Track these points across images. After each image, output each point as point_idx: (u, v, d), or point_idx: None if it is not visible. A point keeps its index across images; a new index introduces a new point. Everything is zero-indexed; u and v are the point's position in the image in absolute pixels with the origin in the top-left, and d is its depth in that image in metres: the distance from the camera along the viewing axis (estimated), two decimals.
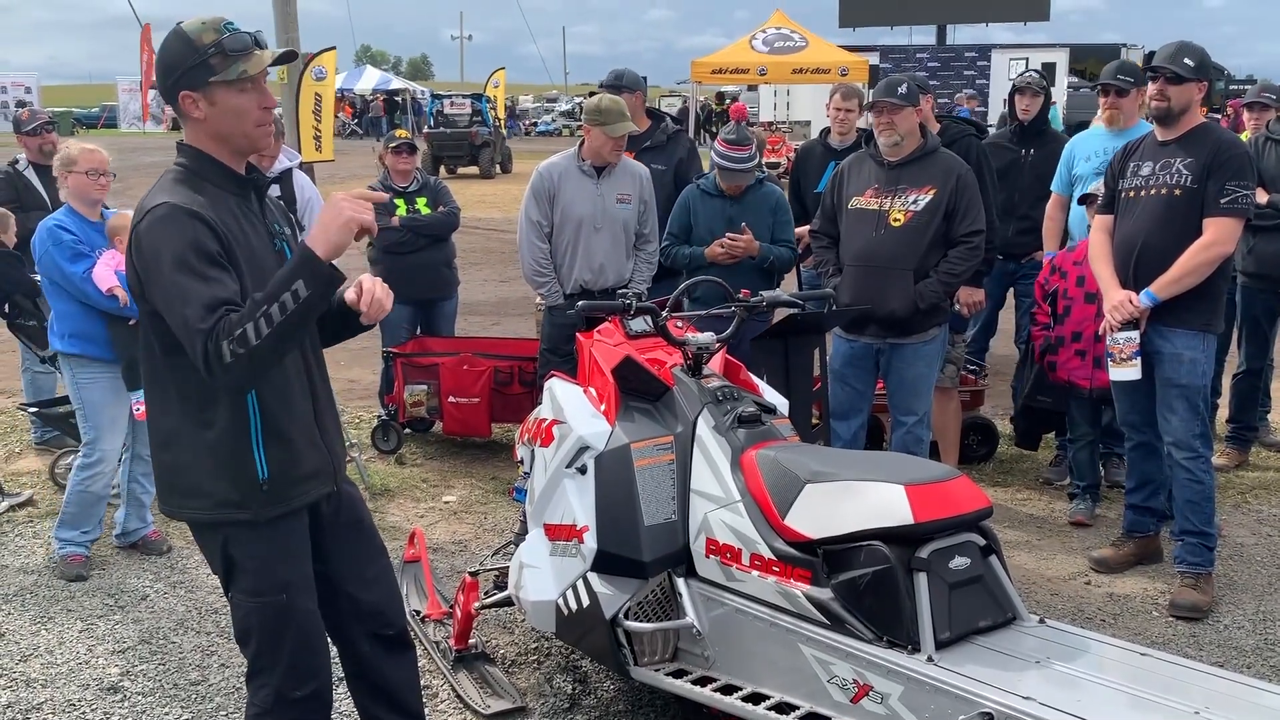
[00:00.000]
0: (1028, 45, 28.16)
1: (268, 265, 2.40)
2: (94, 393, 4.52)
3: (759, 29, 20.67)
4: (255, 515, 2.42)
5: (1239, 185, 3.96)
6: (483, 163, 25.79)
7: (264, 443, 2.40)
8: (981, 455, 5.85)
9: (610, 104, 4.86)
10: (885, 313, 4.48)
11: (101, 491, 4.58)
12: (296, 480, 2.47)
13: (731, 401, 3.14)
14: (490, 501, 5.38)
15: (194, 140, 2.42)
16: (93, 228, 4.56)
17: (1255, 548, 4.77)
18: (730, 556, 2.89)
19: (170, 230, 2.26)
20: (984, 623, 2.68)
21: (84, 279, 4.40)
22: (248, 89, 2.36)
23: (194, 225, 2.26)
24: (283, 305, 2.17)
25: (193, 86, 2.34)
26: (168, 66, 2.36)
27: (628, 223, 5.00)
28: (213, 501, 2.42)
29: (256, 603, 2.48)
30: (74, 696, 3.58)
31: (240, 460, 2.39)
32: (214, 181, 2.40)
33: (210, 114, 2.36)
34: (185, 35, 2.34)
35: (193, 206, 2.29)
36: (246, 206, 2.45)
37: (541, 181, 5.02)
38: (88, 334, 4.48)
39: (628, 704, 3.47)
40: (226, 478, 2.40)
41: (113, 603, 4.27)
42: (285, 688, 2.51)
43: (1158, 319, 4.09)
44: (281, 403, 2.43)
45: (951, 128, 5.37)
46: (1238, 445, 5.84)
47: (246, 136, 2.41)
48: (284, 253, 2.50)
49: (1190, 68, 4.02)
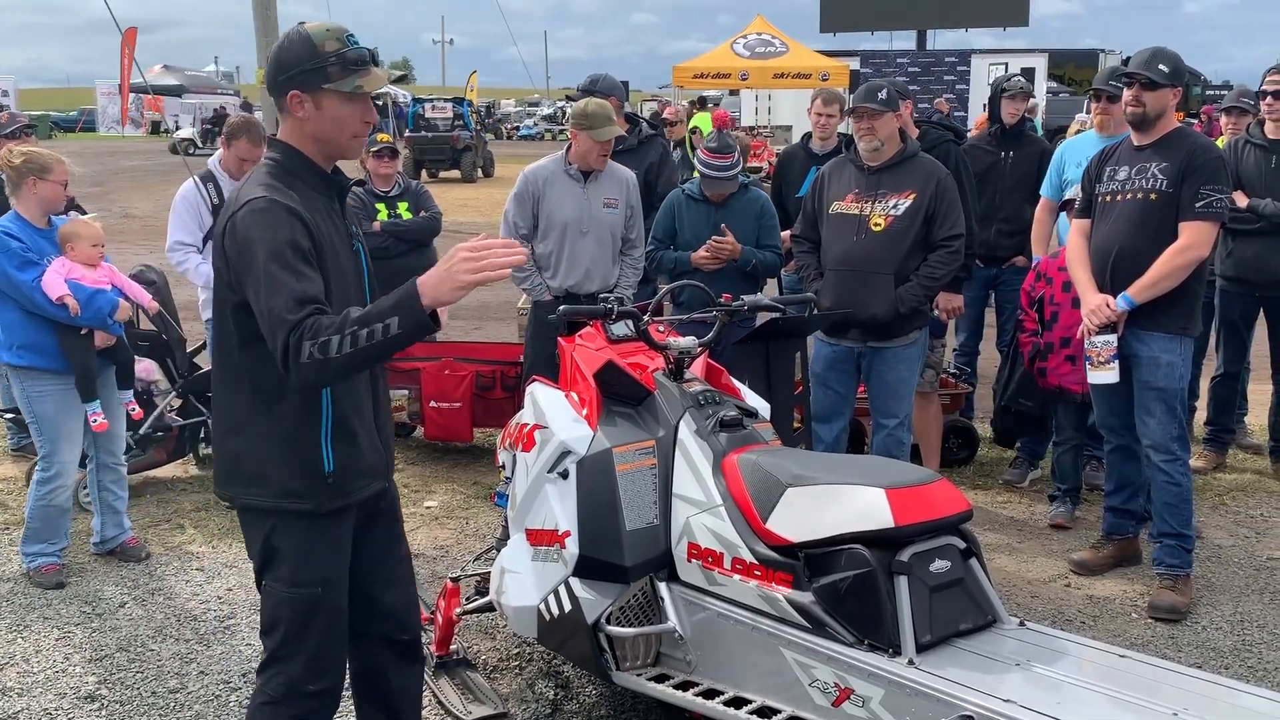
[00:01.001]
0: (1007, 50, 28.33)
1: (347, 266, 2.49)
2: (46, 406, 4.39)
3: (740, 34, 20.74)
4: (316, 506, 2.47)
5: (1214, 189, 4.00)
6: (464, 167, 25.76)
7: (332, 437, 2.46)
8: (962, 458, 5.88)
9: (597, 108, 4.86)
10: (866, 316, 4.49)
11: (65, 504, 4.50)
12: (357, 474, 2.53)
13: (713, 406, 3.14)
14: (472, 506, 5.36)
15: (289, 137, 2.47)
16: (41, 235, 4.43)
17: (1233, 549, 4.80)
18: (712, 560, 2.89)
19: (268, 223, 2.31)
20: (964, 625, 2.69)
21: (33, 287, 4.26)
22: (354, 100, 2.42)
23: (291, 221, 2.33)
24: (371, 333, 2.20)
25: (304, 87, 2.39)
26: (283, 63, 2.41)
27: (614, 227, 4.99)
28: (274, 490, 2.46)
29: (291, 593, 2.51)
30: (50, 705, 3.54)
31: (308, 452, 2.45)
32: (305, 180, 2.45)
33: (313, 117, 2.42)
34: (309, 38, 2.40)
35: (290, 202, 2.35)
36: (330, 206, 2.51)
37: (526, 185, 5.02)
38: (37, 345, 4.35)
39: (610, 709, 3.47)
40: (292, 468, 2.45)
41: (90, 610, 4.23)
42: (301, 680, 2.53)
43: (1135, 322, 4.12)
44: (352, 401, 2.50)
45: (930, 133, 5.39)
46: (1215, 448, 5.89)
47: (341, 145, 2.48)
48: (359, 254, 2.58)
49: (1165, 73, 4.06)
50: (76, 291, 4.33)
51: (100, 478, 4.69)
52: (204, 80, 52.41)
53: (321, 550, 2.52)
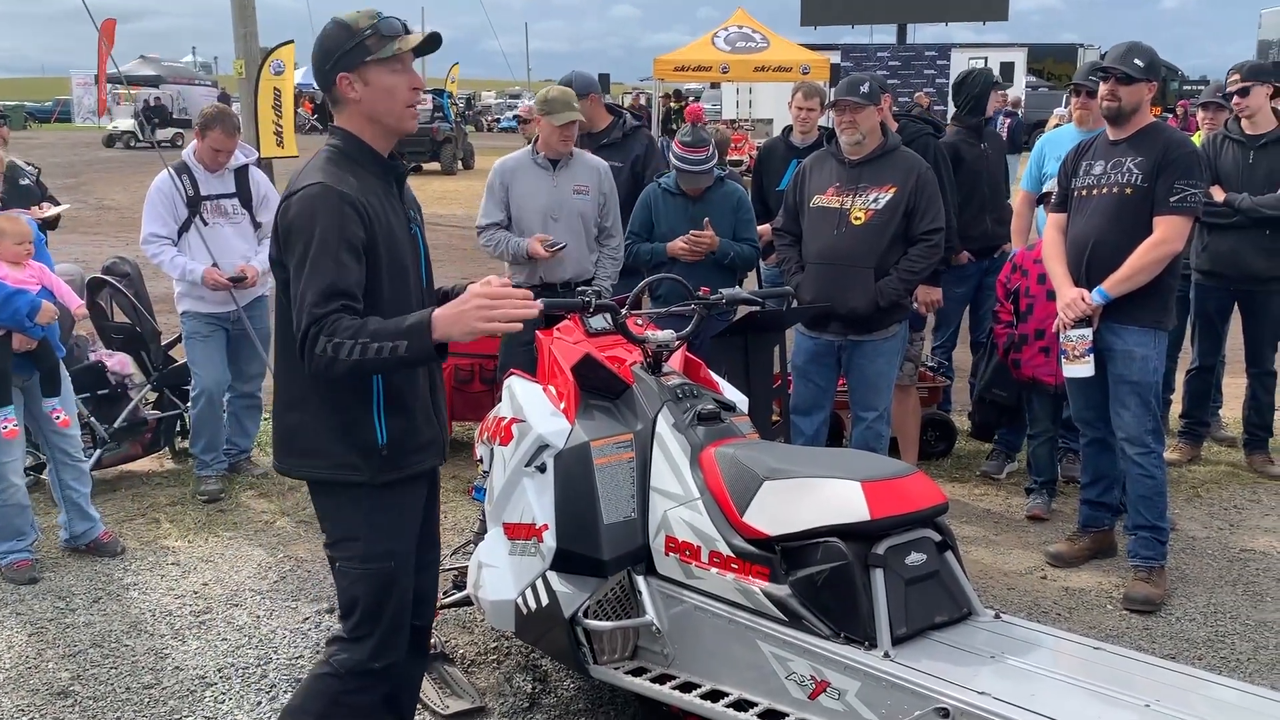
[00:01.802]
0: (987, 45, 28.46)
1: (404, 248, 2.55)
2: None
3: (720, 27, 20.72)
4: (371, 478, 2.52)
5: (1188, 184, 4.03)
6: (444, 159, 25.65)
7: (385, 412, 2.52)
8: (940, 451, 5.90)
9: (558, 94, 4.85)
10: (846, 310, 4.50)
11: (21, 500, 4.43)
12: (412, 449, 2.58)
13: (691, 399, 3.14)
14: (450, 500, 5.34)
15: (346, 124, 2.53)
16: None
17: (1207, 541, 4.85)
18: (689, 554, 2.89)
19: (320, 208, 2.38)
20: (940, 618, 2.71)
21: None
22: (398, 70, 2.49)
23: (343, 208, 2.38)
24: (380, 348, 2.29)
25: (349, 67, 2.47)
26: (326, 52, 2.49)
27: (585, 214, 4.97)
28: (332, 462, 2.53)
29: (364, 569, 2.56)
30: (23, 702, 3.51)
31: (362, 426, 2.51)
32: (364, 165, 2.52)
33: (365, 94, 2.48)
34: (344, 22, 2.49)
35: (344, 189, 2.41)
36: (388, 190, 2.56)
37: (495, 176, 5.01)
38: None
39: (588, 702, 3.47)
40: (348, 441, 2.51)
41: (64, 606, 4.20)
42: (370, 658, 2.60)
43: (1110, 316, 4.14)
44: (405, 378, 2.55)
45: (909, 126, 5.41)
46: (1190, 440, 5.94)
47: (397, 116, 2.53)
48: (417, 237, 2.64)
49: (1140, 68, 4.08)
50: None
51: (60, 476, 4.63)
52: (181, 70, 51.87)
53: (391, 526, 2.58)
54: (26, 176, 6.18)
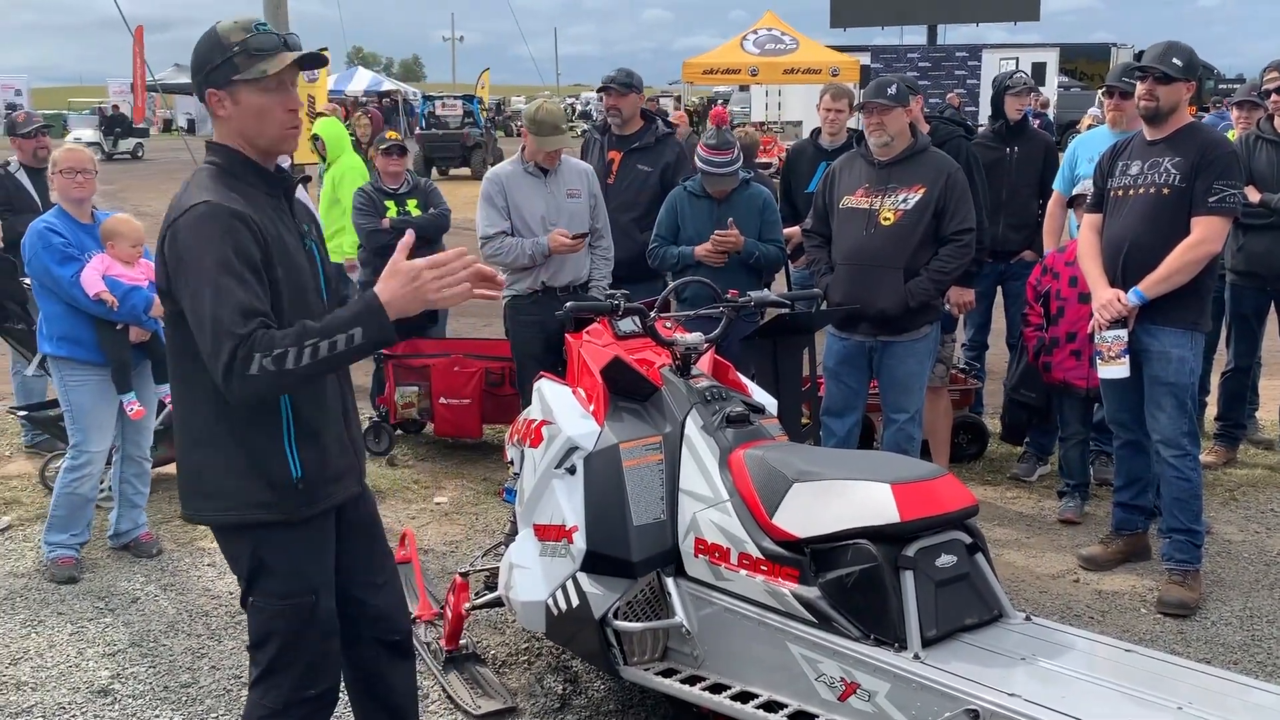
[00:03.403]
0: (1018, 45, 28.24)
1: (301, 265, 2.41)
2: (82, 395, 4.51)
3: (750, 29, 20.71)
4: (289, 515, 2.40)
5: (1226, 184, 3.98)
6: (474, 164, 25.75)
7: (297, 443, 2.39)
8: (972, 454, 5.87)
9: (545, 115, 4.82)
10: (876, 311, 4.49)
11: (89, 494, 4.57)
12: (328, 480, 2.46)
13: (720, 401, 3.15)
14: (481, 502, 5.38)
15: (224, 138, 2.41)
16: (84, 230, 4.55)
17: (1243, 545, 4.79)
18: (719, 556, 2.90)
19: (212, 229, 2.23)
20: (970, 620, 2.69)
21: (72, 282, 4.38)
22: (271, 89, 2.33)
23: (236, 226, 2.24)
24: (334, 344, 2.17)
25: (217, 85, 2.33)
26: (197, 65, 2.36)
27: (580, 217, 4.98)
28: (243, 502, 2.38)
29: (284, 605, 2.45)
30: (64, 700, 3.57)
31: (274, 460, 2.37)
32: (247, 180, 2.37)
33: (234, 113, 2.34)
34: (215, 34, 2.34)
35: (235, 206, 2.27)
36: (279, 206, 2.44)
37: (492, 186, 4.95)
38: (76, 337, 4.47)
39: (618, 703, 3.48)
40: (260, 478, 2.37)
41: (103, 605, 4.27)
42: (299, 687, 2.49)
43: (1146, 317, 4.10)
44: (315, 403, 2.43)
45: (941, 128, 5.38)
46: (1226, 443, 5.87)
47: (269, 138, 2.38)
48: (313, 253, 2.50)
49: (1178, 67, 4.04)
50: (113, 288, 4.42)
51: (124, 471, 4.76)
52: None
53: (309, 558, 2.47)
54: None
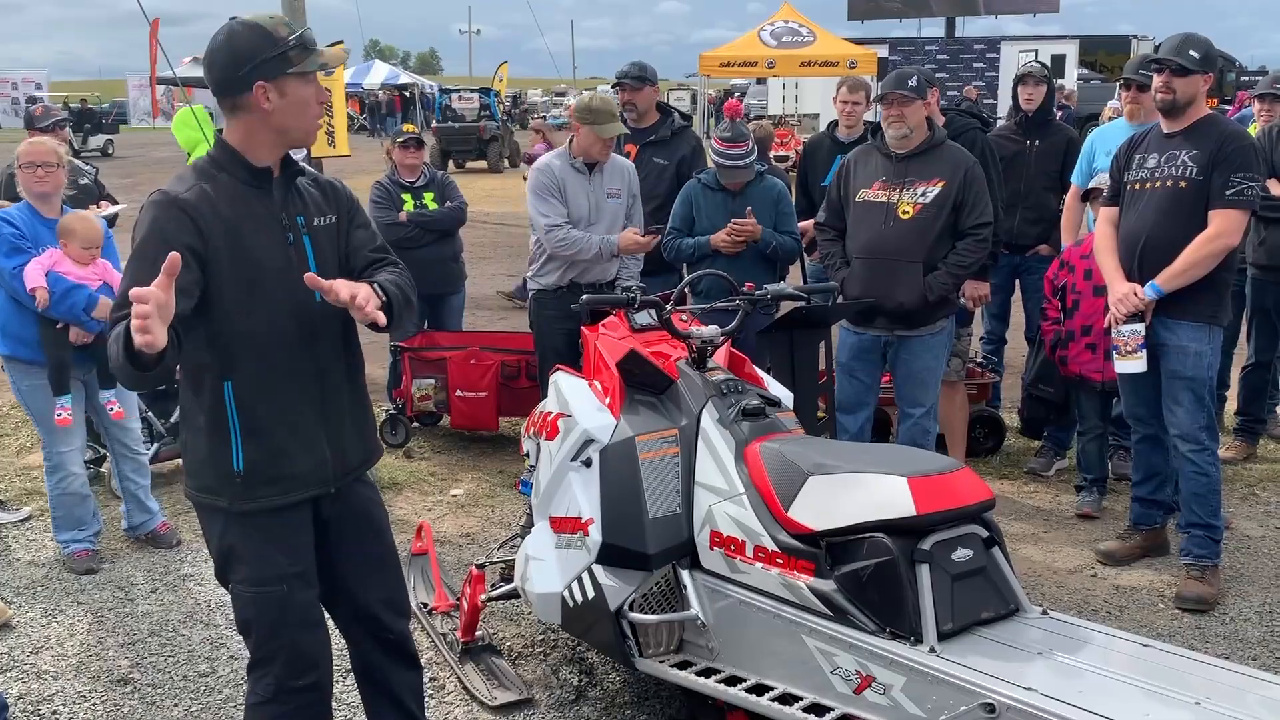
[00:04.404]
0: (1037, 37, 28.03)
1: (267, 257, 2.41)
2: (37, 398, 4.39)
3: (767, 22, 20.63)
4: (230, 504, 2.45)
5: (1245, 177, 3.95)
6: (491, 157, 25.81)
7: (241, 436, 2.43)
8: (989, 448, 5.84)
9: (601, 104, 4.78)
10: (894, 305, 4.48)
11: (80, 489, 4.53)
12: (275, 479, 2.46)
13: (736, 394, 3.15)
14: (497, 494, 5.40)
15: (232, 134, 2.44)
16: (46, 225, 4.41)
17: (1262, 540, 4.76)
18: (734, 549, 2.90)
19: (148, 216, 2.35)
20: (986, 614, 2.68)
21: (14, 274, 4.23)
22: (311, 82, 2.43)
23: (170, 213, 2.33)
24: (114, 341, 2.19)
25: (268, 76, 2.36)
26: (240, 57, 2.35)
27: (618, 216, 4.97)
28: (198, 484, 2.50)
29: (255, 593, 2.50)
30: (84, 688, 3.61)
31: (219, 450, 2.44)
32: (231, 172, 2.43)
33: (279, 105, 2.38)
34: (260, 27, 2.37)
35: (181, 194, 2.35)
36: (260, 198, 2.44)
37: (547, 178, 4.90)
38: (21, 336, 4.35)
39: (633, 695, 3.49)
40: (208, 464, 2.46)
41: (123, 595, 4.31)
42: (286, 677, 2.53)
43: (1163, 311, 4.08)
44: (261, 398, 2.43)
45: (956, 120, 5.36)
46: (1246, 438, 5.83)
47: (305, 130, 2.46)
48: (303, 245, 2.47)
49: (1195, 59, 4.01)
50: (54, 284, 4.27)
51: (120, 467, 4.76)
52: None
53: (273, 548, 2.49)
54: (86, 176, 6.35)
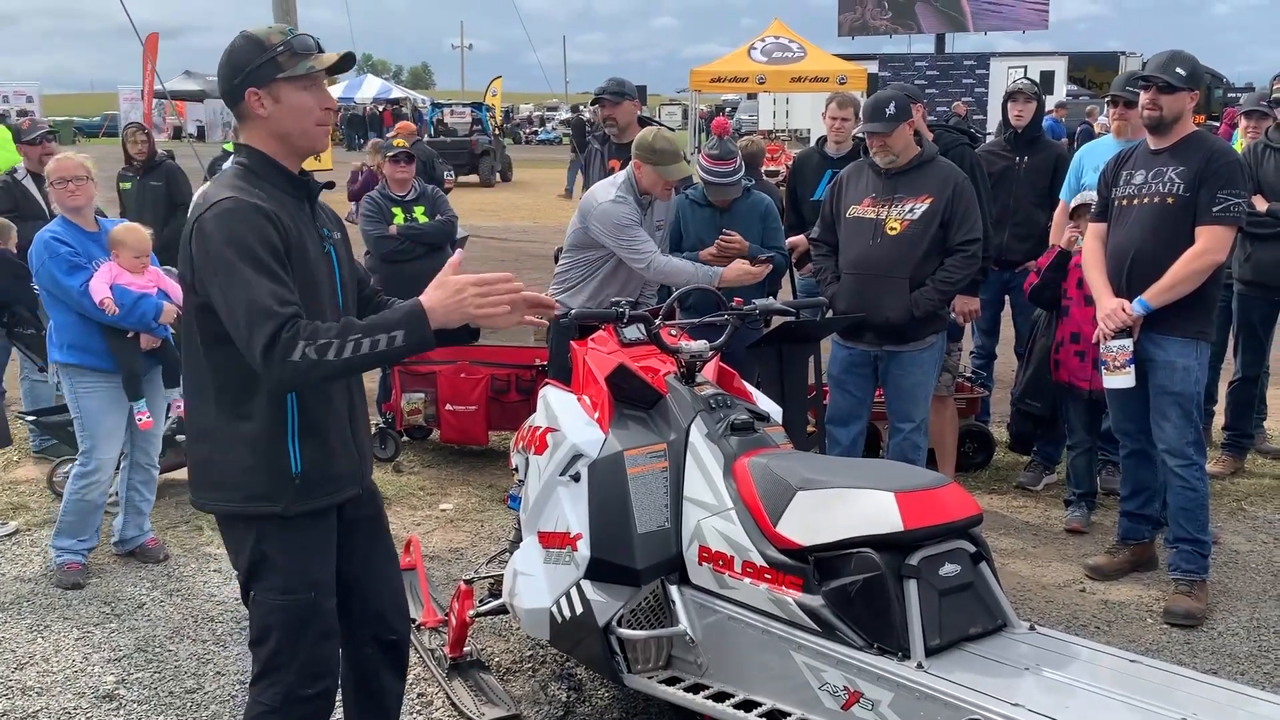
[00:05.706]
0: (1027, 53, 28.24)
1: (316, 266, 2.48)
2: (91, 402, 4.53)
3: (757, 38, 20.76)
4: (285, 509, 2.46)
5: (1231, 194, 3.98)
6: (483, 171, 25.86)
7: (299, 438, 2.46)
8: (978, 463, 5.86)
9: (665, 144, 4.58)
10: (881, 320, 4.49)
11: (98, 500, 4.59)
12: (328, 479, 2.52)
13: (724, 409, 3.15)
14: (486, 509, 5.39)
15: (253, 140, 2.48)
16: (90, 238, 4.56)
17: (1250, 555, 4.77)
18: (723, 564, 2.90)
19: (239, 222, 2.31)
20: (974, 630, 2.68)
21: (81, 292, 4.40)
22: (310, 87, 2.45)
23: (262, 220, 2.33)
24: (375, 343, 2.25)
25: (259, 83, 2.41)
26: (235, 67, 2.43)
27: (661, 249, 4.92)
28: (244, 494, 2.46)
29: (284, 600, 2.50)
30: (69, 705, 3.58)
31: (275, 454, 2.44)
32: (272, 181, 2.46)
33: (274, 111, 2.43)
34: (254, 37, 2.44)
35: (260, 201, 2.36)
36: (300, 208, 2.51)
37: (626, 206, 4.62)
38: (85, 345, 4.49)
39: (622, 711, 3.48)
40: (261, 471, 2.44)
41: (109, 611, 4.28)
42: (297, 686, 2.52)
43: (1151, 327, 4.10)
44: (321, 401, 2.49)
45: (945, 137, 5.38)
46: (1233, 452, 5.85)
47: (307, 135, 2.48)
48: (331, 257, 2.55)
49: (1181, 76, 4.04)
50: (121, 296, 4.44)
51: (131, 477, 4.77)
52: None
53: (310, 555, 2.52)
54: None
